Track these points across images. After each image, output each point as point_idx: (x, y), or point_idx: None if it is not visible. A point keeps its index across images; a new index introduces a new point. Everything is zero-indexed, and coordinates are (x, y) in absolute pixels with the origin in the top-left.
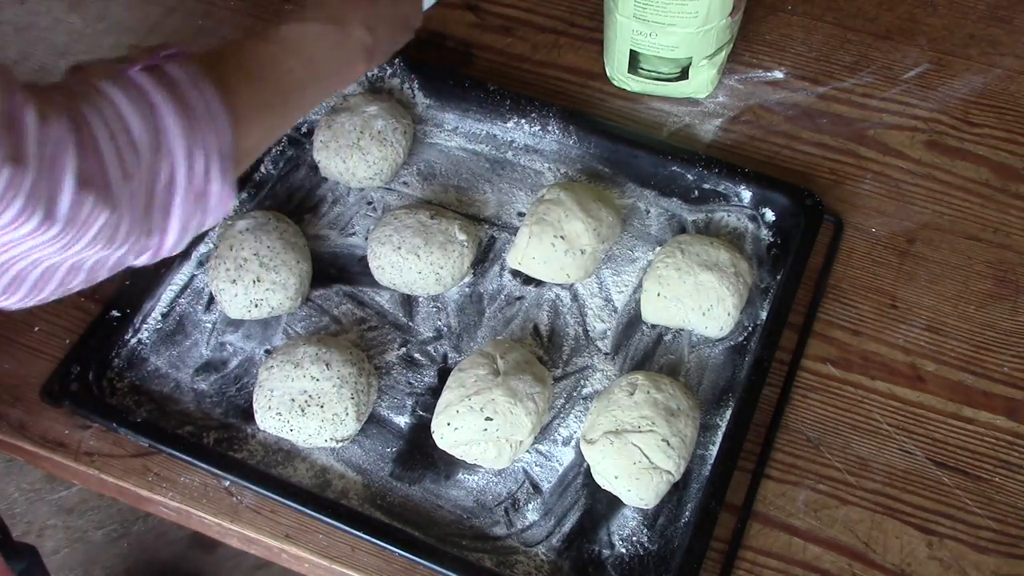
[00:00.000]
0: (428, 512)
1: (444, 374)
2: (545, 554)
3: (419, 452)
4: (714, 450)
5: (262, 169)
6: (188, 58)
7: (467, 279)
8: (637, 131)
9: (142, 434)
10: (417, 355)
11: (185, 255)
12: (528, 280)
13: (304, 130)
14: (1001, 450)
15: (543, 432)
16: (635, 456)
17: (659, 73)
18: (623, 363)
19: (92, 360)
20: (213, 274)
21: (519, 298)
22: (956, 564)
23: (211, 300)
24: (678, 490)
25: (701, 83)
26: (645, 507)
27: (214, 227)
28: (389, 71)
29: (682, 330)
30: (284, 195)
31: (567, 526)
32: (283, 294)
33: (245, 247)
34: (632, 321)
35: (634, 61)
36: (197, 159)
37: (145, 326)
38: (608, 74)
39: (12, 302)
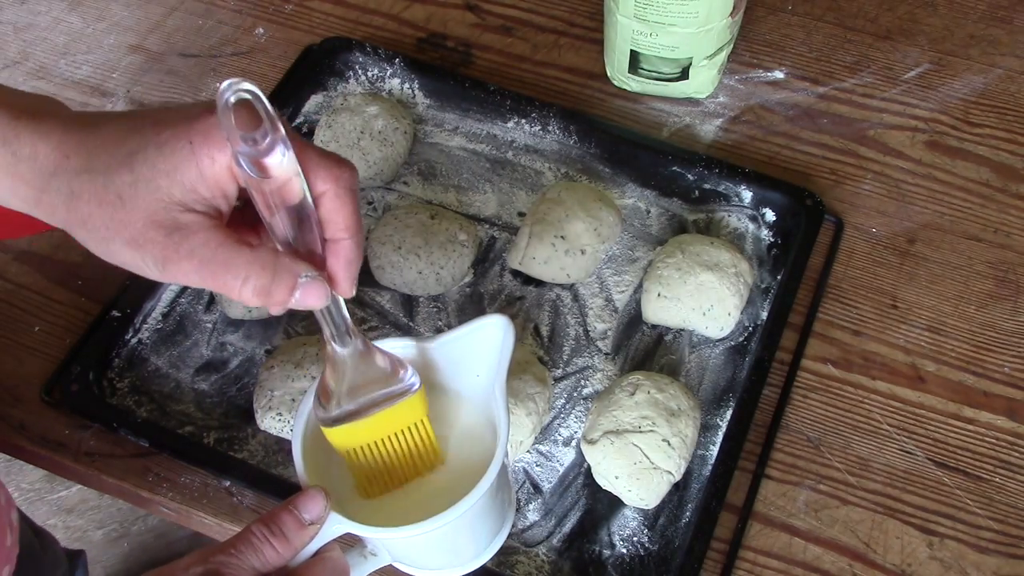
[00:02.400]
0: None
1: None
2: (546, 554)
3: None
4: (714, 450)
5: None
6: None
7: (467, 279)
8: (637, 131)
9: (142, 434)
10: None
11: None
12: (528, 280)
13: (304, 130)
14: (1002, 450)
15: (543, 432)
16: (636, 456)
17: (659, 73)
18: (623, 363)
19: (92, 360)
20: None
21: (519, 298)
22: (957, 564)
23: (211, 300)
24: (679, 490)
25: (701, 83)
26: (646, 507)
27: None
28: (389, 71)
29: (683, 330)
30: None
31: (568, 526)
32: None
33: None
34: (633, 321)
35: (634, 61)
36: None
37: (145, 326)
38: (608, 74)
39: None
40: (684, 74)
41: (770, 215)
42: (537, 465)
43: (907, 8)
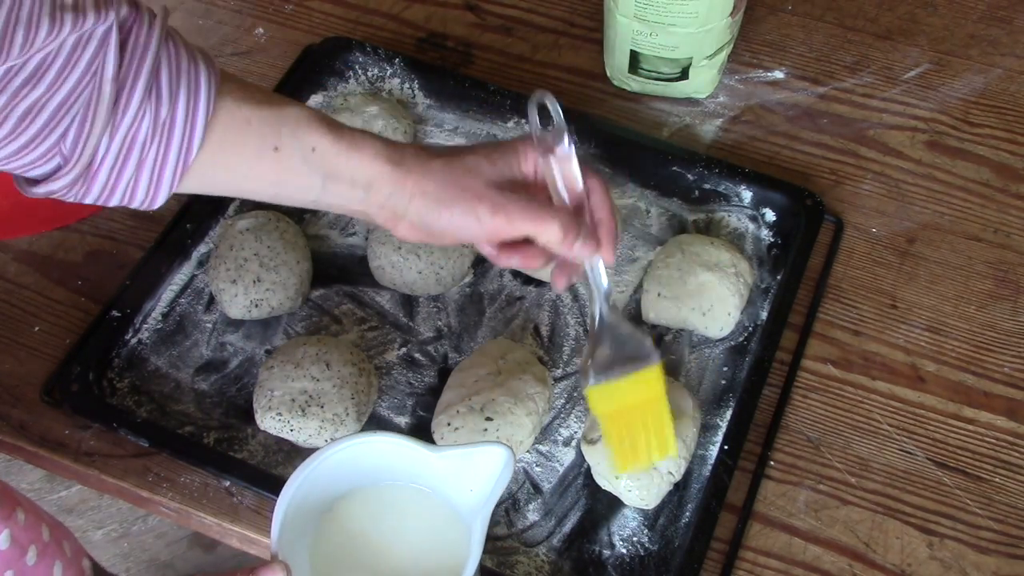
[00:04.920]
0: None
1: (444, 374)
2: (546, 554)
3: None
4: (714, 450)
5: None
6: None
7: (467, 279)
8: (637, 131)
9: (142, 434)
10: (417, 355)
11: (185, 255)
12: (528, 280)
13: None
14: (1001, 450)
15: (543, 432)
16: None
17: (659, 73)
18: None
19: (92, 360)
20: (213, 274)
21: (519, 298)
22: (956, 564)
23: (211, 300)
24: (679, 490)
25: (701, 83)
26: (646, 507)
27: (214, 227)
28: (389, 71)
29: (682, 330)
30: None
31: (568, 526)
32: (283, 294)
33: (245, 247)
34: (633, 321)
35: (634, 61)
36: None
37: (145, 326)
38: (608, 74)
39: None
40: (684, 74)
41: (770, 215)
42: (537, 465)
43: (907, 8)
